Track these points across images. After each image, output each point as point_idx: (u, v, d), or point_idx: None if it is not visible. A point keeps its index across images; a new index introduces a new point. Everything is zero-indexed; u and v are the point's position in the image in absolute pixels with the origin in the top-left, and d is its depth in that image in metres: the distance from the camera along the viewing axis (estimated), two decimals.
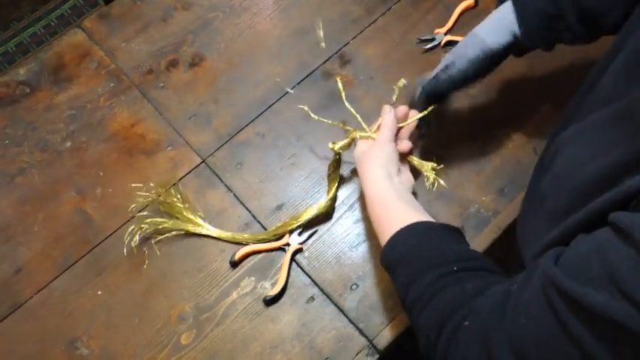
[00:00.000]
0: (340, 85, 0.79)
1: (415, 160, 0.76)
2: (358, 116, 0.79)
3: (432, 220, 0.64)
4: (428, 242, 0.60)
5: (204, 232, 0.80)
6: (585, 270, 0.40)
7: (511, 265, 0.70)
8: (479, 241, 0.79)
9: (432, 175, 0.75)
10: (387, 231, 0.63)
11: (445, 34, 0.92)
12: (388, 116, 0.74)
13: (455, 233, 0.63)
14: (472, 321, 0.50)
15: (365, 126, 0.79)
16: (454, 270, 0.55)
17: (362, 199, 0.82)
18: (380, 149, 0.71)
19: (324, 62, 0.92)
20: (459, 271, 0.55)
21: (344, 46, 0.93)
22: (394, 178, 0.69)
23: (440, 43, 0.91)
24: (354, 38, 0.94)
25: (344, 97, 0.79)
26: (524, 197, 0.70)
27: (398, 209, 0.66)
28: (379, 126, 0.75)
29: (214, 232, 0.80)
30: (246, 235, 0.80)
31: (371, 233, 0.80)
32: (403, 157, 0.75)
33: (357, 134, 0.77)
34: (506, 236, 0.79)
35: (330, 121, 0.80)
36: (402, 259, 0.60)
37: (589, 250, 0.41)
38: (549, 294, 0.42)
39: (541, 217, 0.58)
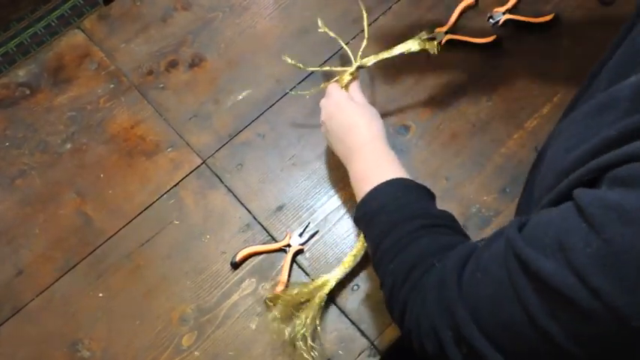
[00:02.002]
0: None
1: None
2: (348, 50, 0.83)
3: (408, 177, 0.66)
4: (411, 196, 0.61)
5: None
6: (541, 238, 0.41)
7: None
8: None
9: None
10: (370, 183, 0.64)
11: (446, 32, 0.91)
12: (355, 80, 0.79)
13: (434, 198, 0.65)
14: (437, 268, 0.51)
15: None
16: (434, 224, 0.57)
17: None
18: (367, 108, 0.74)
19: (325, 62, 0.92)
20: (438, 226, 0.57)
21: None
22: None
23: (440, 42, 0.91)
24: (354, 38, 0.94)
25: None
26: (521, 194, 0.70)
27: (383, 160, 0.67)
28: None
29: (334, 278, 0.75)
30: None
31: None
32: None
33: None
34: None
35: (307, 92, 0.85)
36: (384, 208, 0.61)
37: (548, 220, 0.42)
38: (507, 255, 0.44)
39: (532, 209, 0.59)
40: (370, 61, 0.81)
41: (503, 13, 0.92)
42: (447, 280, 0.49)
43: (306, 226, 0.81)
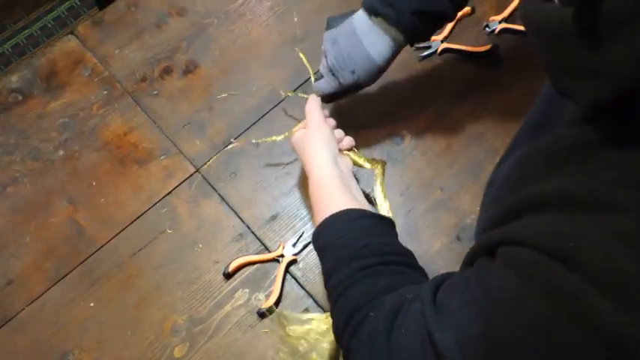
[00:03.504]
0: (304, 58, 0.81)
1: (358, 156, 0.76)
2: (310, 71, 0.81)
3: (367, 208, 0.64)
4: (357, 232, 0.60)
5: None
6: (445, 307, 0.45)
7: None
8: None
9: (377, 171, 0.75)
10: (321, 214, 0.63)
11: (442, 41, 0.91)
12: (313, 103, 0.74)
13: (386, 224, 0.64)
14: (373, 317, 0.52)
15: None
16: (374, 263, 0.56)
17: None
18: (317, 131, 0.71)
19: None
20: (378, 265, 0.57)
21: None
22: (336, 160, 0.69)
23: (436, 51, 0.91)
24: None
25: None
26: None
27: (336, 193, 0.66)
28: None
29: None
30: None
31: None
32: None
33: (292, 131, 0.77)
34: None
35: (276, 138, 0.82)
36: (330, 245, 0.60)
37: (454, 290, 0.46)
38: (420, 319, 0.47)
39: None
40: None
41: (499, 22, 0.92)
42: (378, 335, 0.50)
43: (300, 236, 0.80)
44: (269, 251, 0.80)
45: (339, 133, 0.76)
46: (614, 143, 0.36)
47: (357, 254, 0.58)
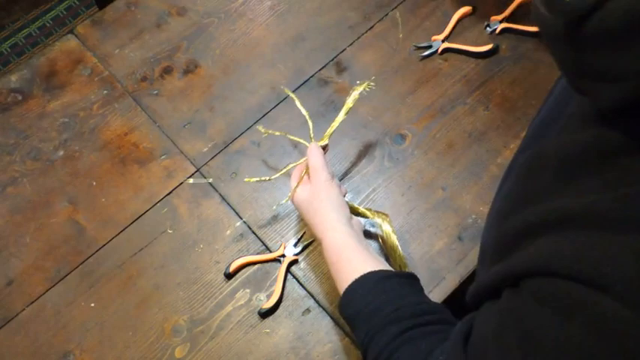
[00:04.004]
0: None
1: (361, 209, 0.76)
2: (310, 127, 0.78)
3: (387, 267, 0.63)
4: (384, 296, 0.59)
5: None
6: (481, 357, 0.43)
7: None
8: (476, 253, 0.78)
9: (385, 224, 0.74)
10: (344, 280, 0.62)
11: (442, 41, 0.91)
12: (317, 154, 0.71)
13: (411, 281, 0.62)
14: None
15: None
16: (410, 327, 0.55)
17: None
18: (326, 193, 0.68)
19: (320, 69, 0.91)
20: (414, 328, 0.55)
21: (340, 52, 0.92)
22: (350, 221, 0.68)
23: (437, 50, 0.90)
24: (350, 45, 0.93)
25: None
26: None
27: (354, 255, 0.64)
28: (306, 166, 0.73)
29: None
30: None
31: None
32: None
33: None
34: None
35: (278, 132, 0.81)
36: (360, 314, 0.59)
37: (483, 336, 0.44)
38: None
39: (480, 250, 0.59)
40: (325, 140, 0.77)
41: (501, 22, 0.91)
42: None
43: (301, 236, 0.80)
44: (270, 251, 0.79)
45: (343, 188, 0.74)
46: (633, 149, 0.34)
47: (389, 320, 0.56)
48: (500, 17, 0.92)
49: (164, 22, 0.96)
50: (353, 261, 0.64)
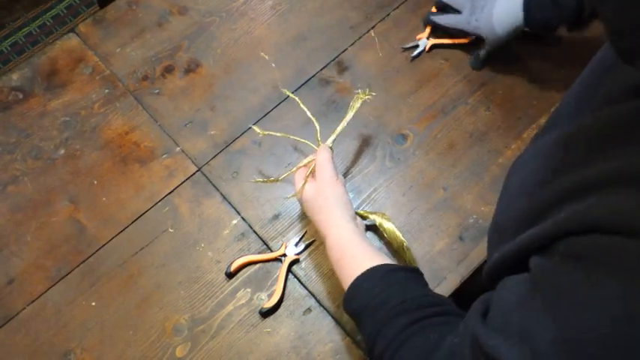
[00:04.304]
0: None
1: (359, 211, 0.77)
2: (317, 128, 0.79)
3: (389, 261, 0.63)
4: (390, 289, 0.59)
5: None
6: (504, 326, 0.42)
7: None
8: (477, 253, 0.78)
9: (385, 221, 0.75)
10: (349, 276, 0.62)
11: (427, 38, 0.91)
12: (325, 154, 0.72)
13: (416, 275, 0.63)
14: None
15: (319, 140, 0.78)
16: (418, 318, 0.55)
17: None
18: (332, 190, 0.69)
19: (322, 69, 0.91)
20: (422, 320, 0.55)
21: (342, 52, 0.92)
22: (355, 219, 0.68)
23: (425, 49, 0.90)
24: (352, 45, 0.93)
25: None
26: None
27: (358, 250, 0.65)
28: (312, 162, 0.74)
29: None
30: None
31: None
32: None
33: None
34: None
35: (279, 134, 0.81)
36: (366, 308, 0.59)
37: (509, 304, 0.43)
38: (477, 354, 0.44)
39: (492, 229, 0.58)
40: (330, 141, 0.77)
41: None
42: None
43: (302, 236, 0.80)
44: (271, 251, 0.79)
45: None
46: None
47: (396, 312, 0.56)
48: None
49: (165, 21, 0.96)
50: (357, 257, 0.64)
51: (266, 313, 0.75)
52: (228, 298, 0.77)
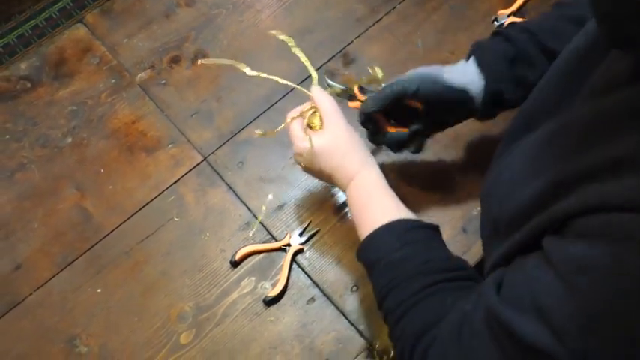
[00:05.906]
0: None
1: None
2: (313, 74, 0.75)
3: (412, 216, 0.63)
4: (413, 245, 0.59)
5: None
6: (519, 299, 0.43)
7: None
8: (480, 245, 0.78)
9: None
10: (372, 221, 0.61)
11: (508, 15, 0.91)
12: (328, 96, 0.68)
13: (437, 234, 0.63)
14: (438, 341, 0.51)
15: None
16: (439, 280, 0.55)
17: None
18: (350, 133, 0.66)
19: (328, 61, 0.92)
20: (444, 282, 0.55)
21: (348, 45, 0.93)
22: (372, 157, 0.67)
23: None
24: (358, 37, 0.93)
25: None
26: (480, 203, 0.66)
27: (387, 201, 0.63)
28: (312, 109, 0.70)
29: None
30: None
31: None
32: None
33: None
34: None
35: (278, 79, 0.77)
36: (382, 260, 0.59)
37: (523, 279, 0.44)
38: (492, 324, 0.45)
39: (489, 228, 0.58)
40: (316, 81, 0.74)
41: (508, 16, 0.92)
42: (448, 352, 0.49)
43: (307, 226, 0.81)
44: (275, 240, 0.80)
45: None
46: None
47: (419, 271, 0.56)
48: (507, 11, 0.92)
49: (173, 12, 0.97)
50: (384, 205, 0.63)
51: (270, 302, 0.76)
52: (233, 286, 0.78)
